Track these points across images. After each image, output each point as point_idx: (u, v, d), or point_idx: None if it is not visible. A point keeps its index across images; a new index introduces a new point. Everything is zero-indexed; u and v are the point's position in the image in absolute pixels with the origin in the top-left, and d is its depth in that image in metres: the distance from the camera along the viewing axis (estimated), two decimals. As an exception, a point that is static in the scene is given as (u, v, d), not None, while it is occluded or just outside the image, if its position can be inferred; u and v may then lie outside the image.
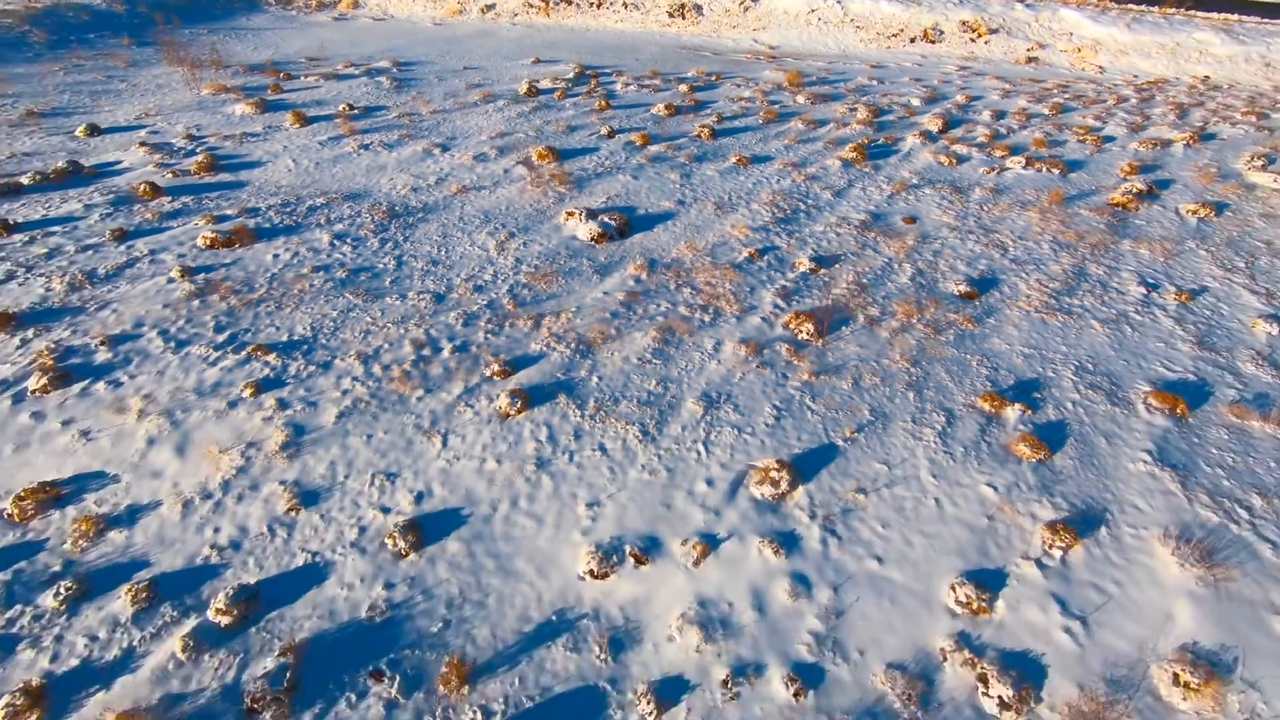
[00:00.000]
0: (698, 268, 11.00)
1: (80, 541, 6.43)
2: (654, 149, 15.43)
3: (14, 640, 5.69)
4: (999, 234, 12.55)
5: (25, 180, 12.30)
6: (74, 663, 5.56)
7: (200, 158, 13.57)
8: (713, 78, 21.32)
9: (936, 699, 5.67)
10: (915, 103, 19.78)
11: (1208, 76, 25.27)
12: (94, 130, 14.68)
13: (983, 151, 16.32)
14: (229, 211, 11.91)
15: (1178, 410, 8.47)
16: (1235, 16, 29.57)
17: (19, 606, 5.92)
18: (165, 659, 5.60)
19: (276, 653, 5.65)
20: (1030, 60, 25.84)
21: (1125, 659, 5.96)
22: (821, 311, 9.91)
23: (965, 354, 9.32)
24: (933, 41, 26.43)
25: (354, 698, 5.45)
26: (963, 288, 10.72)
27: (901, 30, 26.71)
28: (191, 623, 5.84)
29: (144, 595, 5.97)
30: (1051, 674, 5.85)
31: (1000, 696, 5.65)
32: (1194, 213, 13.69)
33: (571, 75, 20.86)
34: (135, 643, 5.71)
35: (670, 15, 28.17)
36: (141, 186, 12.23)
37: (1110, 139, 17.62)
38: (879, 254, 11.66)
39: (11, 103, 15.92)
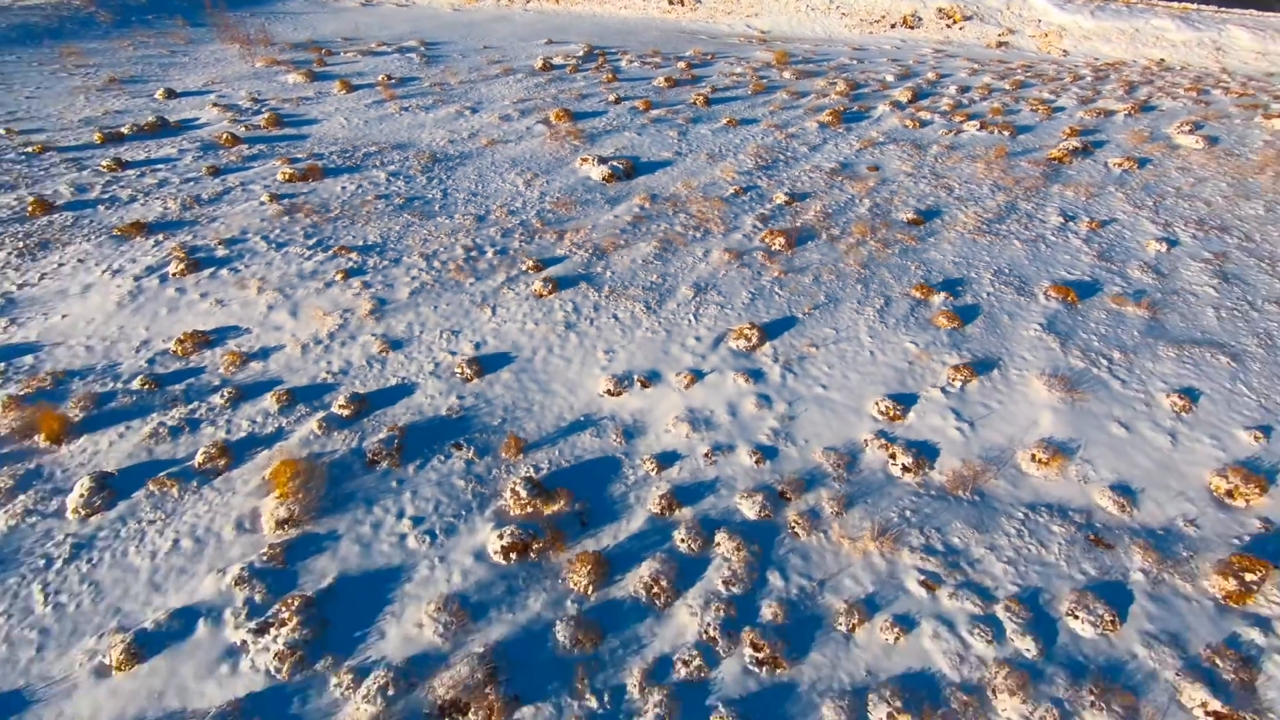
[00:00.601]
0: (692, 200, 13.16)
1: (230, 368, 8.62)
2: (655, 113, 17.57)
3: (198, 422, 7.88)
4: (948, 179, 14.69)
5: (125, 130, 14.45)
6: (242, 435, 7.75)
7: (266, 115, 15.71)
8: (708, 57, 23.43)
9: (858, 468, 7.86)
10: (890, 79, 21.89)
11: (1163, 59, 27.36)
12: (170, 94, 16.82)
13: (944, 118, 18.45)
14: (299, 155, 14.06)
15: (1069, 299, 10.65)
16: (1194, 5, 31.63)
17: (195, 402, 8.11)
18: (306, 433, 7.79)
19: (385, 431, 7.84)
20: (1001, 44, 27.93)
21: (998, 447, 8.14)
22: (792, 230, 12.08)
23: (906, 261, 11.49)
24: (911, 27, 28.52)
25: (442, 458, 7.64)
26: (910, 215, 12.89)
27: (883, 17, 28.79)
28: (321, 414, 8.02)
29: (284, 398, 8.16)
30: (943, 455, 8.03)
31: (904, 464, 7.83)
32: (1119, 165, 15.83)
33: (581, 54, 22.96)
34: (283, 424, 7.90)
35: (670, 2, 30.26)
36: (223, 136, 14.38)
37: (1060, 109, 19.74)
38: (844, 192, 13.82)
39: (95, 71, 18.05)
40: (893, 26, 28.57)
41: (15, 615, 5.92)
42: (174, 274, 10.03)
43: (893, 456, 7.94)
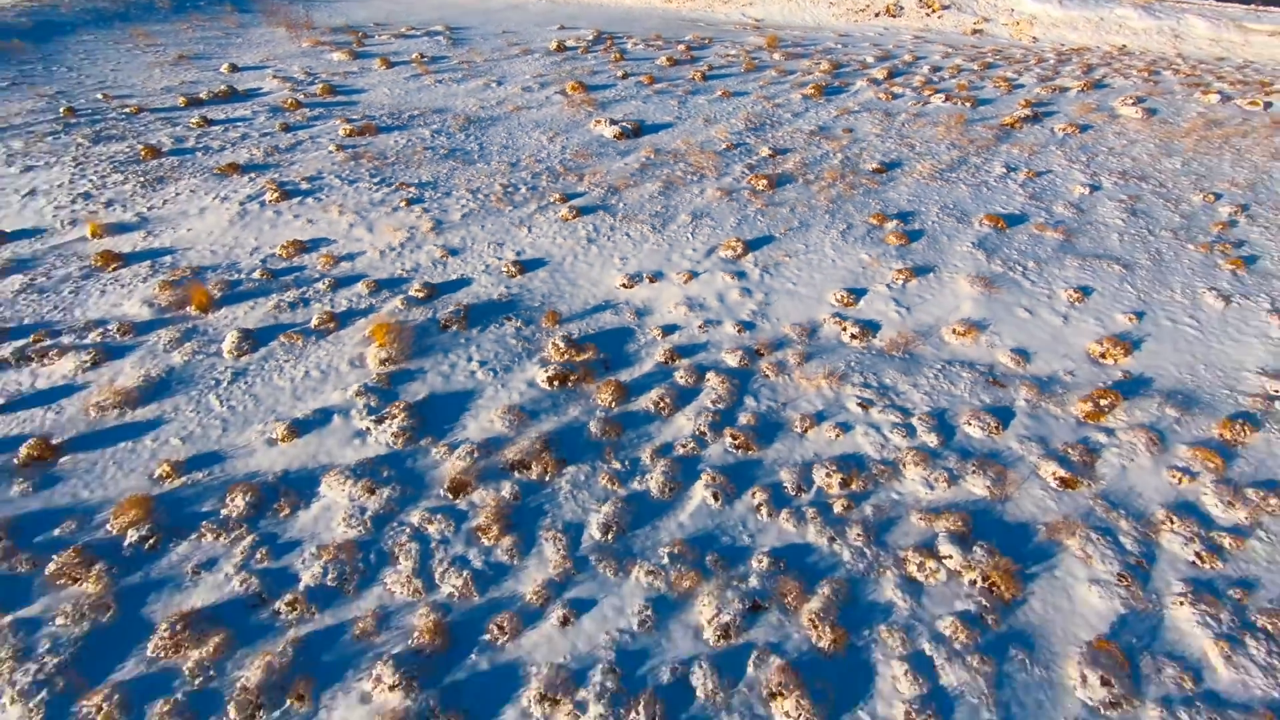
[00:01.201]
0: (690, 152, 15.39)
1: (325, 266, 10.87)
2: (658, 86, 19.78)
3: (308, 300, 10.14)
4: (911, 139, 16.91)
5: (203, 96, 16.68)
6: (343, 309, 10.01)
7: (320, 85, 17.94)
8: (706, 40, 25.62)
9: (817, 336, 10.10)
10: (869, 60, 24.07)
11: (1124, 45, 29.51)
12: (234, 68, 19.04)
13: (915, 92, 20.64)
14: (354, 116, 16.30)
15: (999, 225, 12.89)
16: (1157, -3, 33.66)
17: (304, 287, 10.36)
18: (393, 307, 10.04)
19: (452, 306, 10.09)
20: (976, 32, 30.09)
21: (927, 324, 10.39)
22: (773, 175, 14.31)
23: (868, 199, 13.72)
24: (894, 15, 30.68)
25: (497, 325, 9.89)
26: (875, 166, 15.12)
27: (868, 6, 30.95)
28: (401, 296, 10.27)
29: (372, 285, 10.42)
30: (884, 328, 10.27)
31: (852, 334, 10.08)
32: (1063, 129, 18.03)
33: (590, 38, 25.16)
34: (373, 303, 10.16)
35: (672, -6, 32.41)
36: (287, 100, 16.61)
37: (1020, 86, 21.92)
38: (820, 148, 16.04)
39: (163, 49, 20.27)
40: (876, 15, 30.73)
41: (201, 413, 8.19)
42: (270, 200, 12.28)
43: (844, 329, 10.19)
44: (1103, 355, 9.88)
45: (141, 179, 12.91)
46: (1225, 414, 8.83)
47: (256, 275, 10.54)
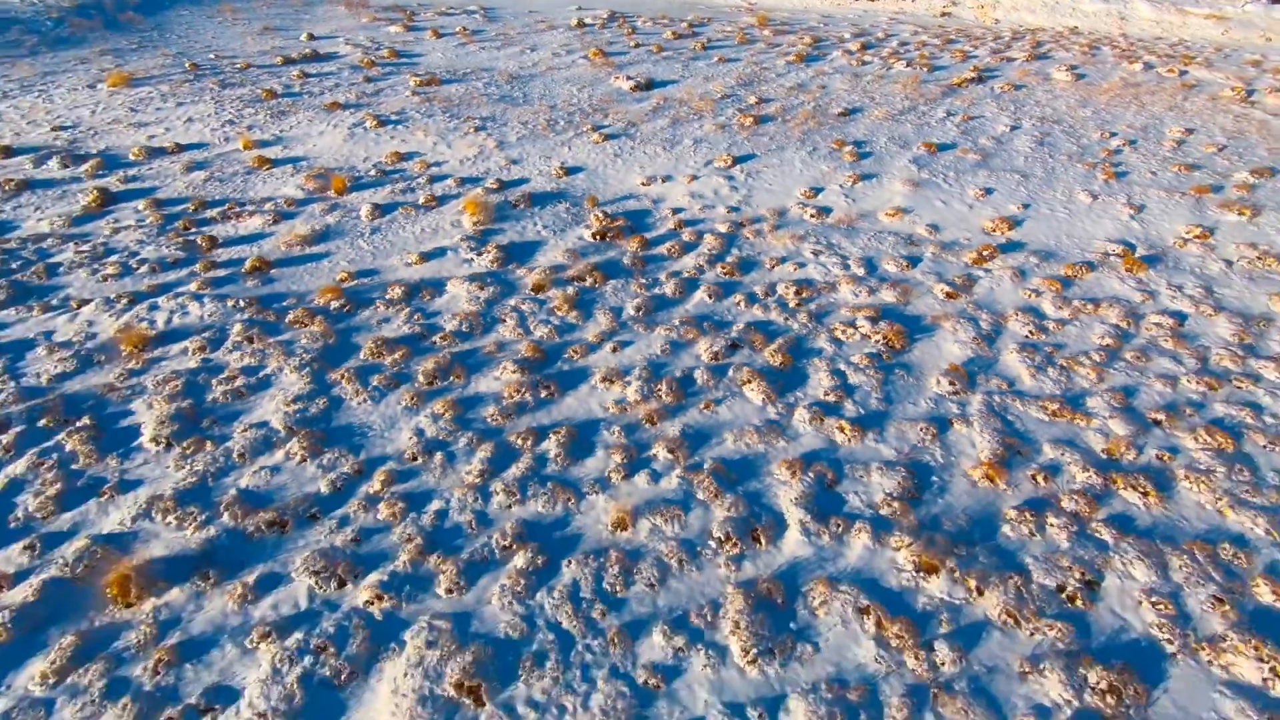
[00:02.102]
0: (692, 100, 18.90)
1: (420, 168, 14.41)
2: (665, 53, 23.26)
3: (414, 188, 13.68)
4: (873, 94, 20.40)
5: (294, 56, 20.18)
6: (439, 193, 13.55)
7: (386, 50, 21.42)
8: (705, 20, 29.07)
9: (785, 216, 13.63)
10: (847, 36, 27.51)
11: (1075, 27, 32.90)
12: (312, 36, 22.54)
13: (882, 60, 24.10)
14: (419, 72, 19.82)
15: (931, 150, 16.41)
16: (1109, -15, 36.98)
17: (408, 181, 13.90)
18: (476, 194, 13.56)
19: (518, 194, 13.63)
20: (945, 14, 33.48)
21: (867, 210, 13.91)
22: (758, 115, 17.83)
23: (832, 132, 17.24)
24: (872, 0, 34.06)
25: (553, 205, 13.41)
26: (840, 110, 18.63)
27: (850, -8, 34.30)
28: (480, 187, 13.80)
29: (458, 180, 13.97)
30: (835, 211, 13.79)
31: (810, 213, 13.61)
32: (1001, 88, 21.50)
33: (605, 16, 28.60)
34: (461, 191, 13.69)
35: (675, -19, 35.76)
36: (363, 60, 20.12)
37: (974, 56, 25.36)
38: (797, 99, 19.54)
39: (249, 22, 23.78)
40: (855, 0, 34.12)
41: (356, 250, 11.73)
42: (369, 127, 15.83)
43: (805, 211, 13.74)
44: (993, 229, 13.42)
45: (268, 112, 16.45)
46: (1072, 261, 12.38)
47: (372, 173, 14.09)
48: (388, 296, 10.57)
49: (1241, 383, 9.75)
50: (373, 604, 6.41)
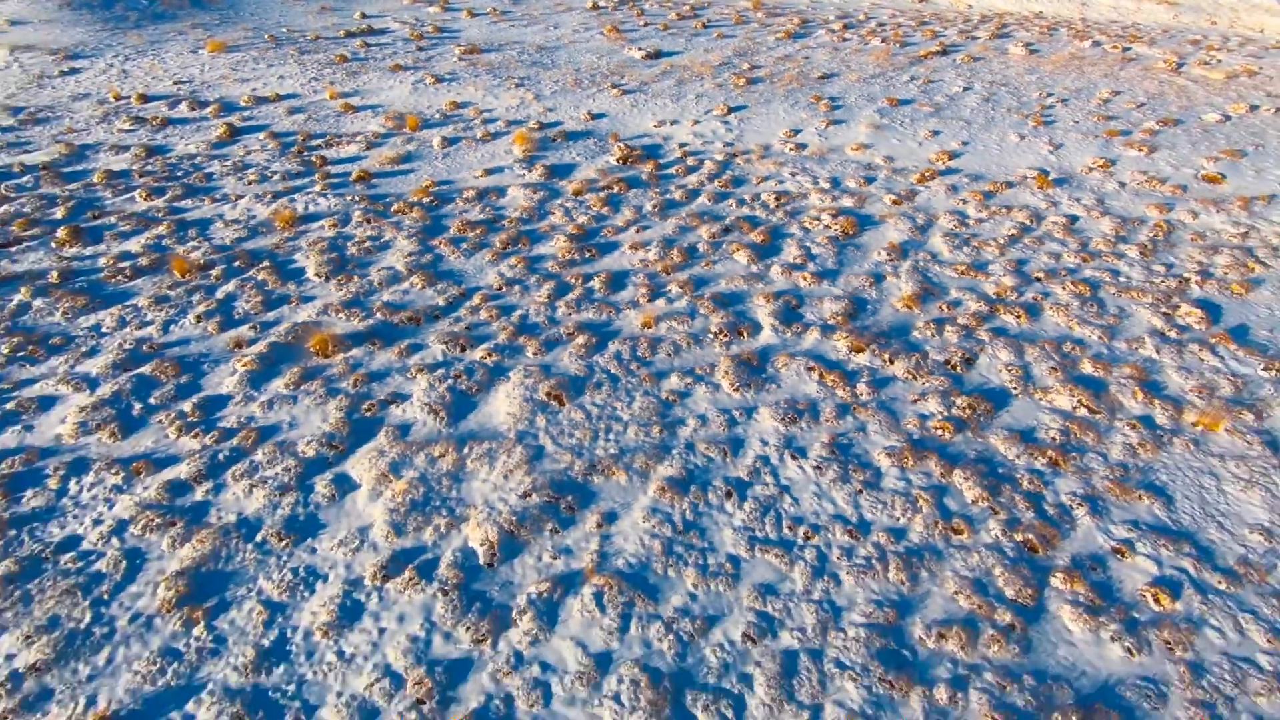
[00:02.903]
0: (694, 66, 22.03)
1: (475, 114, 17.56)
2: (670, 30, 26.35)
3: (472, 127, 16.84)
4: (848, 63, 23.50)
5: (353, 30, 23.30)
6: (492, 130, 16.70)
7: (430, 26, 24.52)
8: (706, 3, 32.13)
9: (769, 150, 16.78)
10: (831, 18, 30.57)
11: (1040, 12, 35.92)
12: (364, 15, 25.64)
13: (860, 38, 27.18)
14: (462, 43, 22.94)
15: (893, 103, 19.54)
16: (1075, -25, 39.93)
17: (465, 122, 17.05)
18: (521, 131, 16.73)
19: (554, 133, 16.78)
20: (922, 0, 36.50)
21: (836, 145, 17.05)
22: (750, 78, 20.95)
23: (812, 90, 20.36)
24: (857, -12, 37.07)
25: (583, 141, 16.57)
26: (819, 75, 21.75)
27: (837, -19, 37.31)
28: (524, 127, 16.96)
29: (506, 122, 17.12)
30: (809, 146, 16.93)
31: (790, 147, 16.78)
32: (962, 59, 24.59)
33: (617, 0, 31.64)
34: (509, 130, 16.86)
35: (678, -28, 38.77)
36: (413, 33, 23.23)
37: (942, 35, 28.42)
38: (783, 67, 22.65)
39: (309, 3, 26.87)
40: (843, -12, 37.12)
41: (433, 167, 14.89)
42: (428, 83, 18.98)
43: (786, 146, 16.89)
44: (936, 160, 16.56)
45: (344, 72, 19.61)
46: (996, 181, 15.53)
47: (436, 116, 17.25)
48: (464, 196, 13.74)
49: (1109, 259, 12.92)
50: (486, 358, 9.61)
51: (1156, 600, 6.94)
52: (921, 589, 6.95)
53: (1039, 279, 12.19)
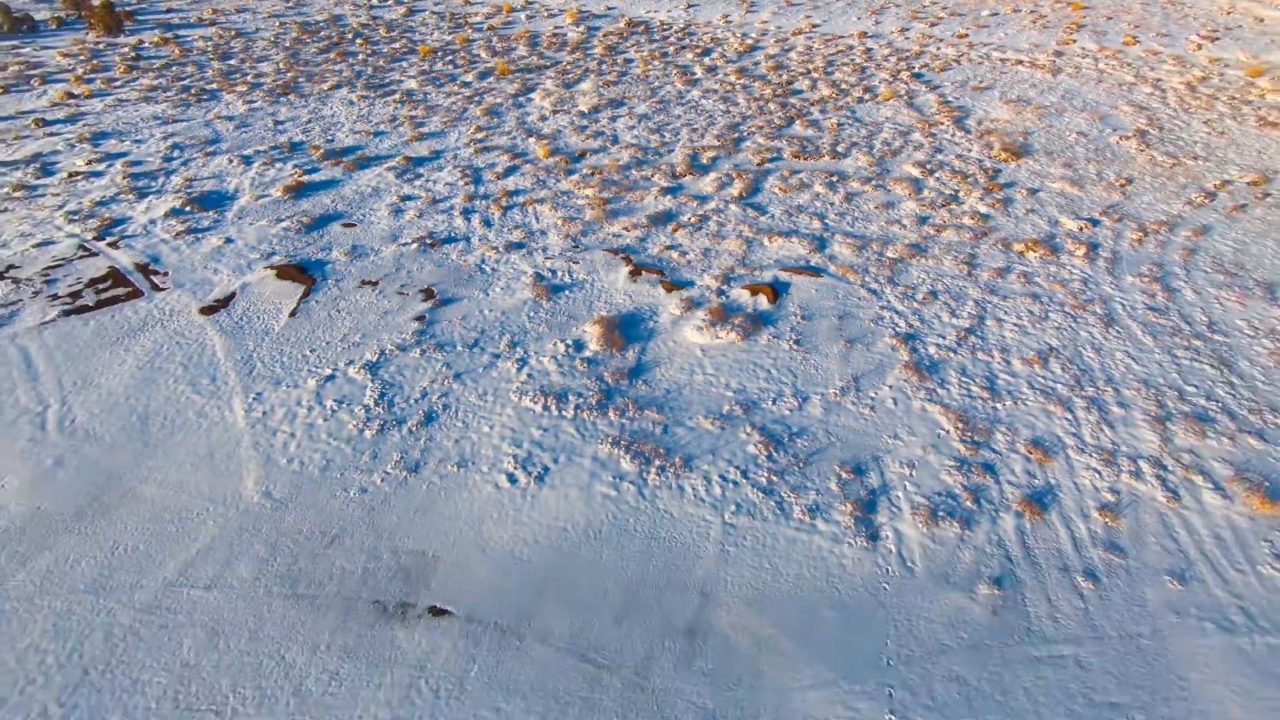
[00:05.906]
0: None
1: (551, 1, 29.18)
2: None
3: (541, 14, 28.48)
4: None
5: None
6: (557, 9, 28.34)
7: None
8: (680, -36, 43.68)
9: (712, 24, 28.44)
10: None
11: None
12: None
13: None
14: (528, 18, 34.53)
15: (788, 4, 31.21)
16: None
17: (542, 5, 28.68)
18: (576, 14, 28.35)
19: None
20: None
21: (749, 23, 28.77)
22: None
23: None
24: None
25: (608, 18, 28.20)
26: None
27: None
28: (572, 8, 28.60)
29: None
30: (734, 20, 28.61)
31: (722, 19, 28.47)
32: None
33: (617, -36, 43.13)
34: (560, 8, 28.51)
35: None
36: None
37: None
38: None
39: (409, -36, 38.38)
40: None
41: (530, 27, 26.53)
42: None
43: (720, 20, 28.63)
44: (806, 28, 28.22)
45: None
46: (837, 35, 27.23)
47: (522, 2, 28.88)
48: (545, 37, 25.35)
49: (878, 61, 24.65)
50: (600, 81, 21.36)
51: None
52: (744, 116, 18.78)
53: (838, 68, 23.87)
